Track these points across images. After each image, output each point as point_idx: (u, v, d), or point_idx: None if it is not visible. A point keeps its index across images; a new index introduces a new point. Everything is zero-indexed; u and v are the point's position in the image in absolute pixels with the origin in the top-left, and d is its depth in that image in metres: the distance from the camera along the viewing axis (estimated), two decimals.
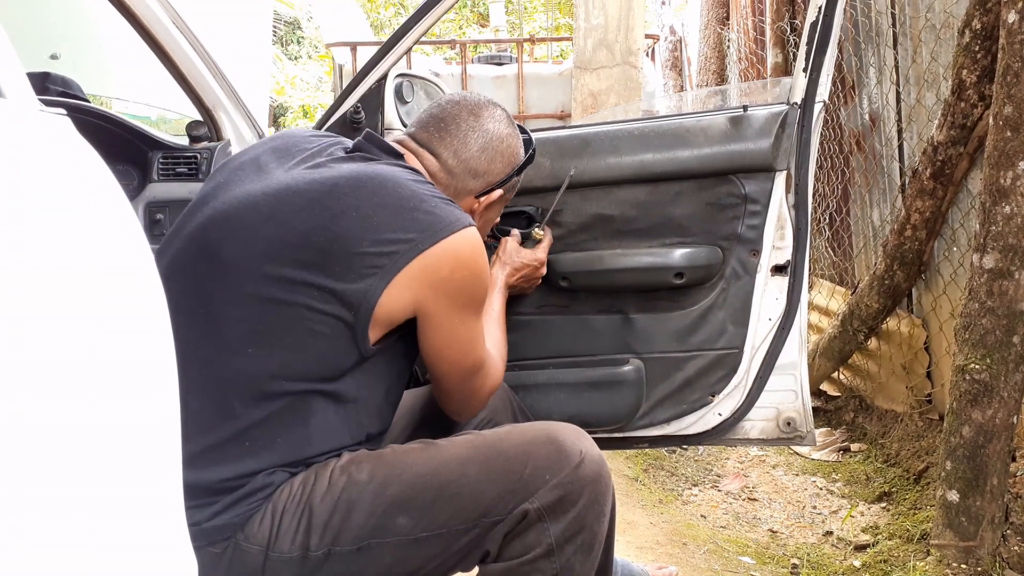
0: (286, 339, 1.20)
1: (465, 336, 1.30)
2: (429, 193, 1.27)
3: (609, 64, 4.42)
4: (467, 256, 1.25)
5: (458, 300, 1.26)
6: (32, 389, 0.71)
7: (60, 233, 0.76)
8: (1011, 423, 2.05)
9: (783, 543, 2.47)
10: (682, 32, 7.22)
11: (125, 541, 0.80)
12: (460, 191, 1.42)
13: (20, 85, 0.81)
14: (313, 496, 1.19)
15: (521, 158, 1.49)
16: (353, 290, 1.19)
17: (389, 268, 1.20)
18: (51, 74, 2.33)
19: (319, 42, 12.31)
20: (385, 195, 1.24)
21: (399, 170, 1.30)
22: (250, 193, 1.28)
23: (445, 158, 1.41)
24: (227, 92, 2.09)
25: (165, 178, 2.06)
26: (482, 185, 1.44)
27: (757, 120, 1.70)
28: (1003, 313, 2.02)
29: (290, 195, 1.25)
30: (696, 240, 1.74)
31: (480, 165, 1.42)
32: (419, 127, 1.44)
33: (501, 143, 1.44)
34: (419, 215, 1.23)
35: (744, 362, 1.75)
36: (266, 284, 1.21)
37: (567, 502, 1.20)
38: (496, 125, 1.44)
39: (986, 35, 2.32)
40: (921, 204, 2.71)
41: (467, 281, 1.26)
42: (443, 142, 1.41)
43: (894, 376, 3.05)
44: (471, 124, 1.42)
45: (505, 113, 1.49)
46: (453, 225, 1.23)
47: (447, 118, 1.42)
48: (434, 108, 1.45)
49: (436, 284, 1.22)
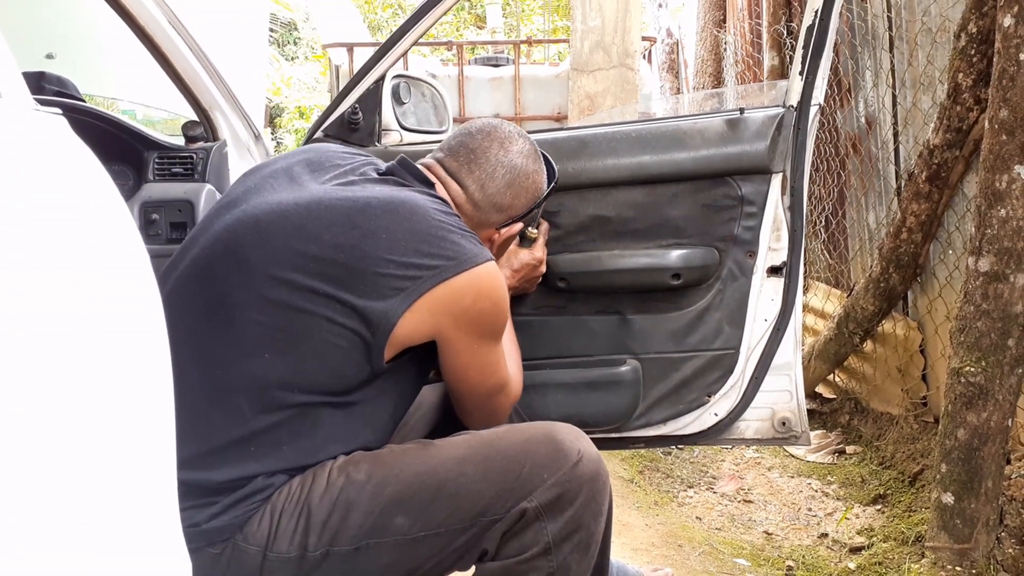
0: (303, 348, 1.21)
1: (484, 361, 1.33)
2: (456, 225, 1.30)
3: (606, 66, 4.42)
4: (489, 288, 1.28)
5: (478, 330, 1.29)
6: (25, 388, 0.71)
7: (55, 233, 0.75)
8: (1006, 426, 2.06)
9: (778, 545, 2.47)
10: (679, 35, 7.24)
11: (118, 541, 0.80)
12: (482, 222, 1.45)
13: (15, 84, 0.81)
14: (311, 496, 1.19)
15: (543, 193, 1.52)
16: (374, 308, 1.20)
17: (412, 291, 1.22)
18: (47, 73, 2.33)
19: (316, 43, 12.30)
20: (416, 221, 1.26)
21: (429, 199, 1.32)
22: (282, 202, 1.29)
23: (472, 191, 1.43)
24: (223, 92, 2.09)
25: (161, 178, 2.06)
26: (504, 219, 1.47)
27: (753, 123, 1.71)
28: (998, 316, 2.03)
29: (322, 209, 1.27)
30: (693, 241, 1.75)
31: (505, 200, 1.45)
32: (448, 154, 1.45)
33: (527, 179, 1.47)
34: (446, 244, 1.25)
35: (740, 363, 1.76)
36: (289, 292, 1.22)
37: (565, 501, 1.20)
38: (524, 161, 1.46)
39: (982, 39, 2.33)
40: (917, 207, 2.72)
41: (488, 312, 1.28)
42: (471, 175, 1.43)
43: (889, 379, 3.05)
44: (499, 159, 1.44)
45: (533, 147, 1.50)
46: (477, 258, 1.26)
47: (477, 150, 1.44)
48: (464, 136, 1.47)
49: (457, 313, 1.25)
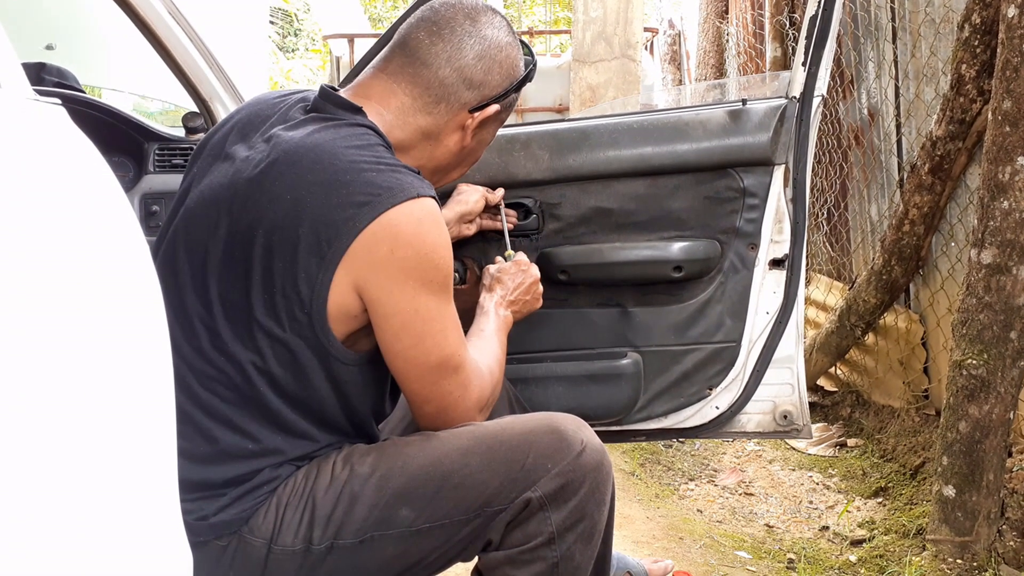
0: (266, 351, 1.18)
1: (423, 328, 1.18)
2: (372, 160, 1.16)
3: (608, 57, 4.41)
4: (409, 232, 1.13)
5: (405, 283, 1.15)
6: (24, 378, 0.70)
7: (55, 223, 0.75)
8: (1008, 419, 2.06)
9: (779, 538, 2.47)
10: (681, 26, 7.21)
11: (119, 536, 0.80)
12: (451, 103, 1.28)
13: (15, 75, 0.80)
14: (316, 489, 1.19)
15: (521, 72, 1.35)
16: (301, 288, 1.14)
17: (330, 257, 1.12)
18: (47, 64, 2.32)
19: (316, 35, 12.28)
20: (320, 171, 1.15)
21: (343, 135, 1.19)
22: (211, 186, 1.23)
23: (436, 67, 1.27)
24: (223, 83, 2.09)
25: (161, 170, 2.06)
26: (477, 98, 1.30)
27: (756, 114, 1.70)
28: (1000, 308, 2.02)
29: (241, 184, 1.19)
30: (694, 234, 1.74)
31: (476, 75, 1.28)
32: (393, 51, 1.30)
33: (500, 52, 1.31)
34: (355, 188, 1.13)
35: (741, 356, 1.75)
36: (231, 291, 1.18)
37: (568, 491, 1.20)
38: (495, 32, 1.31)
39: (985, 30, 2.32)
40: (919, 199, 2.71)
41: (411, 260, 1.14)
42: (434, 48, 1.27)
43: (891, 371, 3.05)
44: (467, 29, 1.28)
45: (505, 21, 1.35)
46: (395, 197, 1.13)
47: (440, 21, 1.29)
48: (426, 11, 1.31)
49: (375, 265, 1.13)
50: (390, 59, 1.30)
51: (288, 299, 1.15)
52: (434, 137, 1.30)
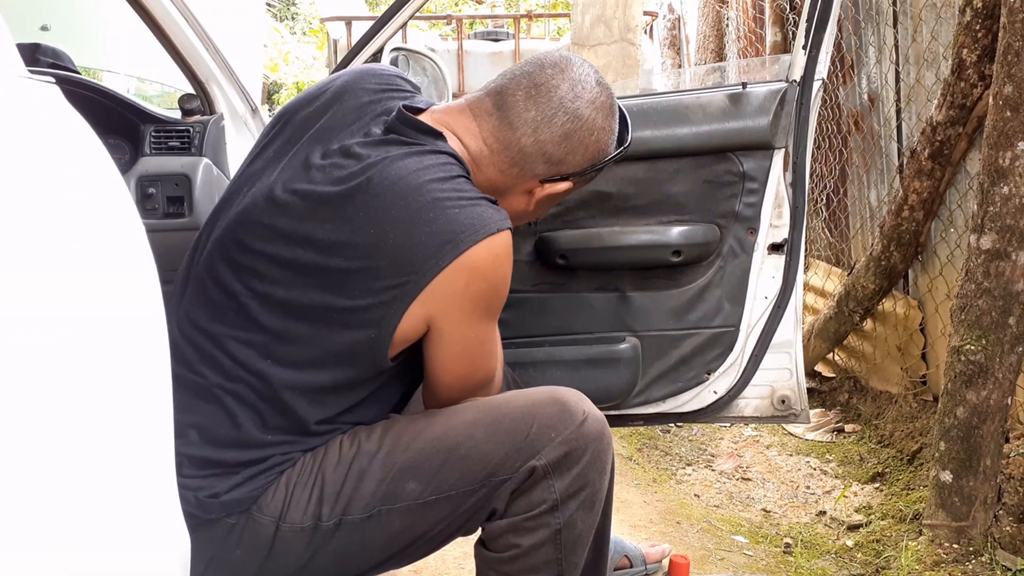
0: (309, 356, 1.20)
1: (477, 349, 1.24)
2: (454, 195, 1.17)
3: (607, 41, 4.38)
4: (485, 267, 1.16)
5: (473, 312, 1.19)
6: (21, 365, 0.70)
7: (51, 206, 0.74)
8: (1005, 404, 2.06)
9: (776, 523, 2.48)
10: (680, 10, 7.17)
11: (117, 525, 0.80)
12: (524, 171, 1.28)
13: (9, 56, 0.80)
14: (325, 467, 1.21)
15: (607, 154, 1.33)
16: (371, 314, 1.17)
17: (407, 293, 1.15)
18: (41, 45, 2.30)
19: (313, 18, 12.21)
20: (404, 207, 1.15)
21: (426, 164, 1.18)
22: (283, 184, 1.22)
23: (520, 133, 1.25)
24: (220, 65, 2.07)
25: (157, 152, 2.04)
26: (550, 172, 1.29)
27: (756, 97, 1.69)
28: (999, 294, 2.02)
29: (314, 198, 1.19)
30: (694, 218, 1.73)
31: (556, 152, 1.27)
32: (490, 94, 1.28)
33: (589, 135, 1.28)
34: (437, 228, 1.14)
35: (740, 340, 1.75)
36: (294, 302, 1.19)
37: (571, 459, 1.21)
38: (592, 113, 1.27)
39: (987, 14, 2.30)
40: (919, 185, 2.71)
41: (483, 293, 1.18)
42: (525, 113, 1.25)
43: (889, 357, 3.05)
44: (564, 103, 1.26)
45: (610, 99, 1.31)
46: (476, 234, 1.15)
47: (541, 86, 1.26)
48: (534, 65, 1.28)
49: (449, 297, 1.16)
50: (482, 102, 1.29)
51: (354, 321, 1.17)
52: (500, 192, 1.30)
